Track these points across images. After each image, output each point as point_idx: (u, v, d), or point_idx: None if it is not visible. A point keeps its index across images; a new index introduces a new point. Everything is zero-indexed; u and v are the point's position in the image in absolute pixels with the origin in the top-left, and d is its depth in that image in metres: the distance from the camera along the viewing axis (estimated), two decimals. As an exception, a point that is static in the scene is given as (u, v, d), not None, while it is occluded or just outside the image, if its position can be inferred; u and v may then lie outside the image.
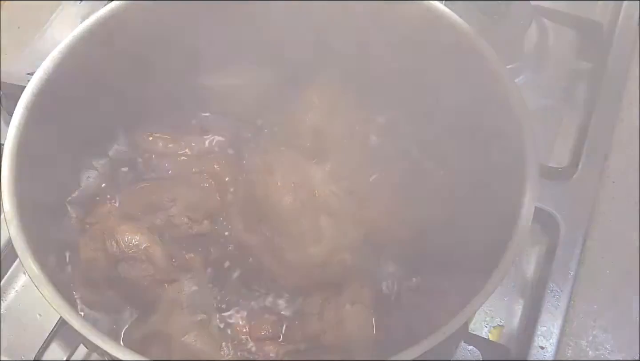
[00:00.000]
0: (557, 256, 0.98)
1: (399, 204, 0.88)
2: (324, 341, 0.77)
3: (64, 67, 0.83)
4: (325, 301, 0.80)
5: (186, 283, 0.79)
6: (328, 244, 0.79)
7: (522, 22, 1.14)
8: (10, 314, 0.96)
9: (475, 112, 0.89)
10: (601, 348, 0.93)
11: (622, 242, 1.01)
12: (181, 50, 0.93)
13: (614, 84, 1.13)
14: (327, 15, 0.92)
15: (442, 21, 0.86)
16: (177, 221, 0.85)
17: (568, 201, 1.02)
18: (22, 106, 0.79)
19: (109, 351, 0.66)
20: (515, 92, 0.80)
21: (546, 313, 0.94)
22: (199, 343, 0.76)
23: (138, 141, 0.95)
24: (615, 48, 1.17)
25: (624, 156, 1.08)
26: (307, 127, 0.91)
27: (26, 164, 0.78)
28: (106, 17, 0.86)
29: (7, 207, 0.74)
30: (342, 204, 0.82)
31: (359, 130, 0.94)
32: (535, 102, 1.11)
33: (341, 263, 0.79)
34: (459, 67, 0.86)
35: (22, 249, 0.72)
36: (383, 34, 0.90)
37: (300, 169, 0.82)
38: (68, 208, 0.88)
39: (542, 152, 0.99)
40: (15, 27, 1.26)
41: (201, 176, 0.91)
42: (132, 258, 0.80)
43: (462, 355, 0.92)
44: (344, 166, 0.90)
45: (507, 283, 0.96)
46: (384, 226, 0.85)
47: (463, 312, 0.68)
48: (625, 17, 1.20)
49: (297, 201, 0.79)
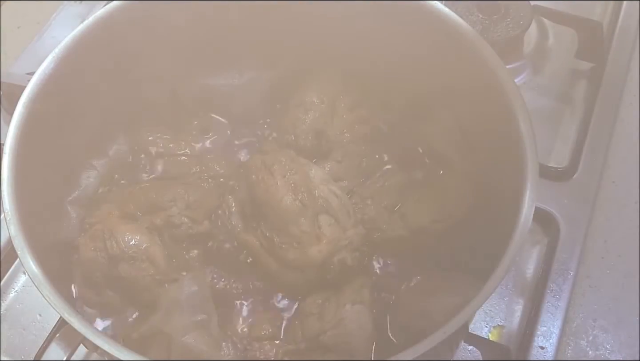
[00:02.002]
0: (557, 256, 0.98)
1: (399, 204, 0.88)
2: (324, 341, 0.77)
3: (64, 67, 0.83)
4: (325, 301, 0.80)
5: (186, 283, 0.79)
6: (328, 244, 0.79)
7: (522, 22, 1.14)
8: (10, 314, 0.96)
9: (475, 112, 0.89)
10: (601, 348, 0.93)
11: (622, 242, 1.01)
12: (181, 50, 0.93)
13: (614, 84, 1.13)
14: (327, 16, 0.92)
15: (442, 21, 0.86)
16: (177, 221, 0.85)
17: (568, 201, 1.02)
18: (22, 106, 0.79)
19: (109, 351, 0.66)
20: (515, 92, 0.80)
21: (546, 313, 0.94)
22: (199, 343, 0.76)
23: (138, 141, 0.95)
24: (615, 48, 1.17)
25: (624, 156, 1.08)
26: (307, 127, 0.91)
27: (26, 164, 0.78)
28: (106, 17, 0.86)
29: (7, 207, 0.74)
30: (342, 204, 0.82)
31: (359, 130, 0.94)
32: (535, 102, 1.11)
33: (341, 263, 0.79)
34: (459, 68, 0.87)
35: (22, 249, 0.72)
36: (383, 34, 0.90)
37: (300, 169, 0.82)
38: (68, 208, 0.88)
39: (542, 152, 0.99)
40: (15, 27, 1.26)
41: (201, 176, 0.91)
42: (132, 258, 0.80)
43: (462, 355, 0.92)
44: (344, 166, 0.90)
45: (507, 283, 0.96)
46: (384, 226, 0.85)
47: (463, 312, 0.68)
48: (625, 17, 1.20)
49: (297, 201, 0.79)
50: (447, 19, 0.85)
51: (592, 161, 1.06)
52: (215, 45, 0.95)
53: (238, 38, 0.95)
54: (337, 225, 0.80)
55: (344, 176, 0.90)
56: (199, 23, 0.92)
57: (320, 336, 0.77)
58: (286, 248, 0.79)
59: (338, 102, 0.95)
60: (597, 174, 1.05)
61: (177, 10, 0.89)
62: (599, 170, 1.05)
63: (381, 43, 0.91)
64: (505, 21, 1.15)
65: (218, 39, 0.95)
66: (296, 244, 0.79)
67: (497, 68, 0.82)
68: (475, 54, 0.83)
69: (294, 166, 0.82)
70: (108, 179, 0.92)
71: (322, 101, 0.94)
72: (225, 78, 0.96)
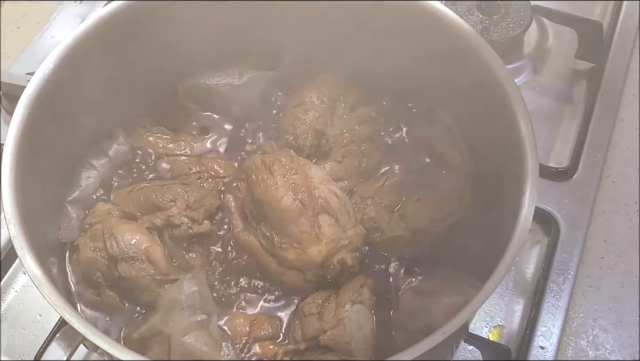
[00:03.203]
0: (557, 256, 0.98)
1: (399, 203, 0.88)
2: (324, 341, 0.77)
3: (64, 67, 0.83)
4: (325, 301, 0.80)
5: (186, 283, 0.79)
6: (328, 244, 0.79)
7: (522, 22, 1.15)
8: (10, 314, 0.96)
9: (475, 112, 0.89)
10: (601, 348, 0.93)
11: (622, 242, 1.01)
12: (181, 50, 0.93)
13: (613, 84, 1.13)
14: (327, 16, 0.92)
15: (442, 21, 0.86)
16: (177, 221, 0.85)
17: (568, 201, 1.02)
18: (22, 106, 0.79)
19: (109, 351, 0.66)
20: (515, 92, 0.80)
21: (546, 313, 0.94)
22: (198, 343, 0.76)
23: (138, 141, 0.95)
24: (615, 48, 1.17)
25: (624, 156, 1.08)
26: (307, 127, 0.91)
27: (26, 165, 0.78)
28: (106, 17, 0.86)
29: (7, 207, 0.74)
30: (342, 204, 0.82)
31: (359, 130, 0.94)
32: (535, 102, 1.11)
33: (341, 263, 0.79)
34: (459, 67, 0.87)
35: (22, 249, 0.72)
36: (383, 34, 0.90)
37: (300, 169, 0.82)
38: (68, 208, 0.88)
39: (542, 152, 0.99)
40: (15, 27, 1.26)
41: (201, 176, 0.91)
42: (132, 258, 0.80)
43: (462, 355, 0.92)
44: (344, 166, 0.90)
45: (507, 283, 0.96)
46: (384, 226, 0.85)
47: (463, 312, 0.68)
48: (625, 17, 1.21)
49: (297, 201, 0.79)
50: (447, 19, 0.85)
51: (592, 161, 1.06)
52: (215, 45, 0.95)
53: (238, 38, 0.95)
54: (337, 225, 0.80)
55: (344, 176, 0.90)
56: (199, 23, 0.91)
57: (320, 336, 0.77)
58: (286, 248, 0.79)
59: (338, 102, 0.95)
60: (597, 174, 1.05)
61: (177, 10, 0.89)
62: (599, 170, 1.05)
63: (381, 43, 0.91)
64: (505, 21, 1.15)
65: (218, 39, 0.95)
66: (296, 244, 0.79)
67: (497, 68, 0.82)
68: (475, 54, 0.83)
69: (293, 166, 0.82)
70: (108, 179, 0.92)
71: (322, 101, 0.94)
72: (225, 78, 0.96)
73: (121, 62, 0.89)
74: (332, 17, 0.92)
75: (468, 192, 0.87)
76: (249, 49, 0.97)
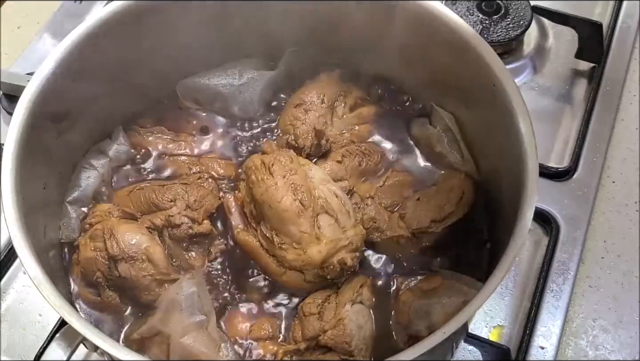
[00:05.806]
0: (557, 256, 0.98)
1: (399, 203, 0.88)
2: (324, 341, 0.77)
3: (64, 67, 0.83)
4: (325, 301, 0.80)
5: (185, 284, 0.79)
6: (328, 244, 0.79)
7: (522, 22, 1.15)
8: (10, 314, 0.96)
9: (475, 112, 0.89)
10: (601, 348, 0.93)
11: (622, 242, 1.01)
12: (182, 50, 0.93)
13: (613, 84, 1.13)
14: (327, 16, 0.92)
15: (442, 21, 0.86)
16: (177, 221, 0.85)
17: (568, 201, 1.02)
18: (22, 106, 0.80)
19: (109, 351, 0.66)
20: (515, 92, 0.80)
21: (546, 313, 0.94)
22: (197, 344, 0.76)
23: (138, 141, 0.95)
24: (615, 48, 1.17)
25: (624, 156, 1.08)
26: (307, 127, 0.91)
27: (26, 165, 0.78)
28: (106, 17, 0.86)
29: (7, 207, 0.74)
30: (342, 204, 0.82)
31: (359, 130, 0.94)
32: (535, 102, 1.11)
33: (341, 263, 0.79)
34: (459, 67, 0.87)
35: (22, 249, 0.72)
36: (383, 34, 0.90)
37: (300, 169, 0.82)
38: (68, 208, 0.88)
39: (542, 152, 0.99)
40: (15, 27, 1.26)
41: (201, 176, 0.91)
42: (132, 257, 0.80)
43: (462, 355, 0.92)
44: (344, 166, 0.90)
45: (507, 283, 0.96)
46: (384, 226, 0.85)
47: (463, 312, 0.68)
48: (625, 17, 1.21)
49: (296, 201, 0.79)
50: (447, 19, 0.86)
51: (592, 161, 1.06)
52: (215, 45, 0.95)
53: (238, 38, 0.95)
54: (337, 225, 0.80)
55: (344, 176, 0.90)
56: (198, 23, 0.91)
57: (320, 336, 0.77)
58: (286, 248, 0.79)
59: (338, 102, 0.95)
60: (597, 174, 1.05)
61: (177, 10, 0.89)
62: (598, 170, 1.05)
63: (381, 43, 0.91)
64: (505, 21, 1.15)
65: (218, 39, 0.95)
66: (296, 244, 0.79)
67: (497, 68, 0.82)
68: (475, 54, 0.83)
69: (293, 166, 0.82)
70: (108, 179, 0.92)
71: (322, 101, 0.94)
72: (225, 78, 0.96)
73: (121, 62, 0.89)
74: (332, 18, 0.92)
75: (468, 192, 0.87)
76: (249, 49, 0.97)
